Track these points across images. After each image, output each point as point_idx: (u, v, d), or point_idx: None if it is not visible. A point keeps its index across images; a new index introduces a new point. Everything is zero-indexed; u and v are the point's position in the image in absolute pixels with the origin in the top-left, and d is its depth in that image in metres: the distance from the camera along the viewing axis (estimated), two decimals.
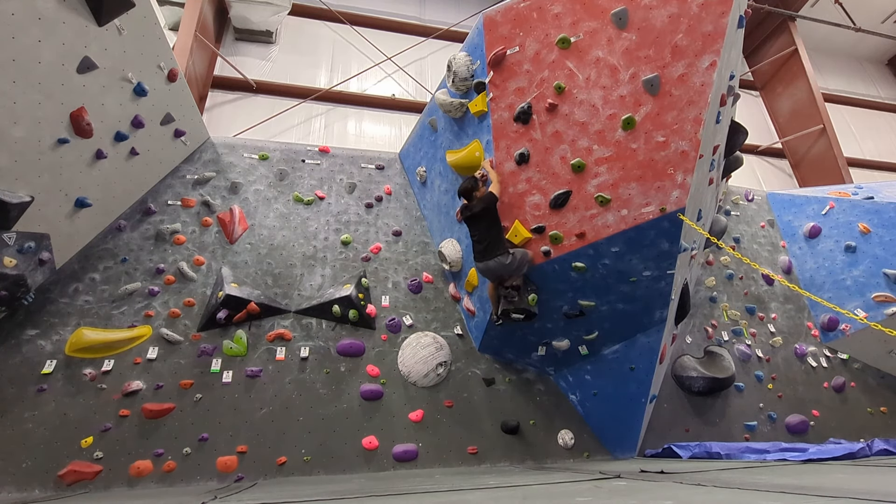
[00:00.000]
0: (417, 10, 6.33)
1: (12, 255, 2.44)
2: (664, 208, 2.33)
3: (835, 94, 7.29)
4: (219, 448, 2.62)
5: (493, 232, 2.45)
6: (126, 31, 2.57)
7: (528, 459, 2.94)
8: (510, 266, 2.45)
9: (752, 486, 1.30)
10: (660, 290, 2.65)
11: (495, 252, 2.42)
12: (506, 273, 2.48)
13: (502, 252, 2.43)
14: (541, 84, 2.48)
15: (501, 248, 2.44)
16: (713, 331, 3.74)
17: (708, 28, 2.20)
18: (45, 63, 2.24)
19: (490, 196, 2.44)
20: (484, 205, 2.43)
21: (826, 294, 3.98)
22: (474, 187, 2.51)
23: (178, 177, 3.41)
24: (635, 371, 2.91)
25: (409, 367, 3.08)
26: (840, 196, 4.11)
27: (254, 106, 5.06)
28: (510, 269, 2.45)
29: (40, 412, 2.51)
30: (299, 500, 1.54)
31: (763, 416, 3.47)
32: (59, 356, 2.67)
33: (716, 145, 2.63)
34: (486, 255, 2.44)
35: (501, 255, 2.42)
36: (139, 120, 2.88)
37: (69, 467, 2.41)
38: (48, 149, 2.42)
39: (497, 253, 2.42)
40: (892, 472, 1.54)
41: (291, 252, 3.36)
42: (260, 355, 2.94)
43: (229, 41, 5.43)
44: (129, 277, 2.99)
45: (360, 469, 2.72)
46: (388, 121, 5.46)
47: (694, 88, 2.23)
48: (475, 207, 2.45)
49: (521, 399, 3.15)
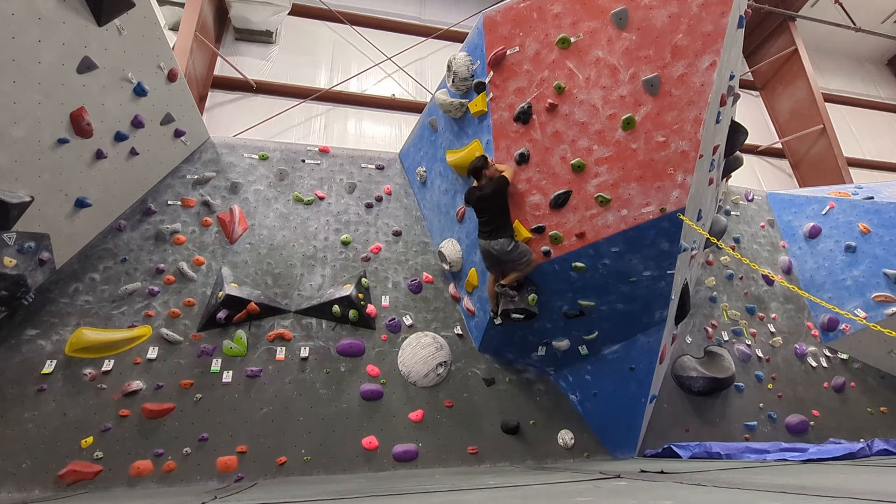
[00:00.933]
0: (417, 9, 6.33)
1: (12, 255, 2.44)
2: (664, 208, 2.34)
3: (835, 94, 7.29)
4: (219, 448, 2.62)
5: (501, 216, 2.45)
6: (126, 31, 2.57)
7: (528, 459, 2.94)
8: (511, 253, 2.42)
9: (751, 486, 1.30)
10: (660, 290, 2.65)
11: (501, 234, 2.41)
12: (505, 259, 2.45)
13: (507, 236, 2.42)
14: (541, 84, 2.48)
15: (508, 232, 2.43)
16: (713, 331, 3.74)
17: (708, 28, 2.20)
18: (45, 63, 2.24)
19: (502, 179, 2.41)
20: (494, 187, 2.41)
21: (826, 294, 3.98)
22: (484, 165, 2.48)
23: (178, 177, 3.41)
24: (635, 371, 2.91)
25: (409, 367, 3.08)
26: (840, 196, 4.11)
27: (254, 106, 5.06)
28: (511, 256, 2.43)
29: (40, 412, 2.52)
30: (299, 500, 1.54)
31: (763, 416, 3.47)
32: (59, 356, 2.67)
33: (716, 145, 2.63)
34: (492, 235, 2.43)
35: (505, 239, 2.41)
36: (139, 120, 2.88)
37: (69, 467, 2.41)
38: (48, 149, 2.42)
39: (502, 235, 2.41)
40: (892, 472, 1.54)
41: (291, 252, 3.36)
42: (260, 355, 2.94)
43: (229, 41, 5.43)
44: (129, 277, 2.99)
45: (360, 469, 2.72)
46: (388, 121, 5.46)
47: (694, 88, 2.23)
48: (486, 189, 2.42)
49: (521, 399, 3.15)
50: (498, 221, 2.45)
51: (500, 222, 2.45)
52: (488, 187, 2.45)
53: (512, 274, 2.53)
